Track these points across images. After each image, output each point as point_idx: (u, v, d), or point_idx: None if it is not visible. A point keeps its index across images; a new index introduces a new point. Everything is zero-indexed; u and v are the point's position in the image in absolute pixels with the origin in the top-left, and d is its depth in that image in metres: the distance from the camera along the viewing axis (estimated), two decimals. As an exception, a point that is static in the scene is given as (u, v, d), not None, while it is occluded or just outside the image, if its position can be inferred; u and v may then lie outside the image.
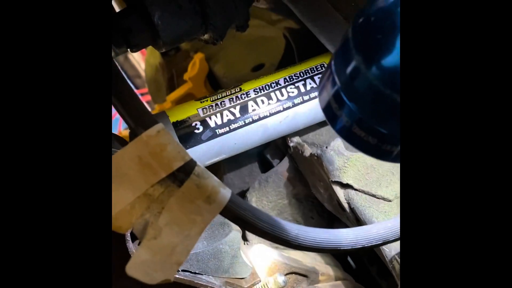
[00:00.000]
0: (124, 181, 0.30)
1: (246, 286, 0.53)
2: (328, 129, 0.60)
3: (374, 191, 0.48)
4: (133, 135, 0.31)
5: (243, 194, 0.71)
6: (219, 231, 0.50)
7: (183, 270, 0.48)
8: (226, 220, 0.51)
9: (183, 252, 0.30)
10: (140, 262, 0.29)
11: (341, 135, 0.28)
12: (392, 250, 0.44)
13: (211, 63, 0.99)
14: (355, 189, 0.49)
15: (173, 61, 1.17)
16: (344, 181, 0.49)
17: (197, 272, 0.49)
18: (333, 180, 0.50)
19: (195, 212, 0.31)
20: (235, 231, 0.50)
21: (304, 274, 0.64)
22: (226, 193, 0.31)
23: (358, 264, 0.79)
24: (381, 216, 0.46)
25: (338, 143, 0.50)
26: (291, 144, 0.60)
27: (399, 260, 0.43)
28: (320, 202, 0.71)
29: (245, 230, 0.32)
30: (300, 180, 0.68)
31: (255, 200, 0.67)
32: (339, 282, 0.64)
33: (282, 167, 0.68)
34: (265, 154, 0.75)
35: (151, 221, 0.30)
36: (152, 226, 0.30)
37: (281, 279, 0.58)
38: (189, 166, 0.30)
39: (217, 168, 0.73)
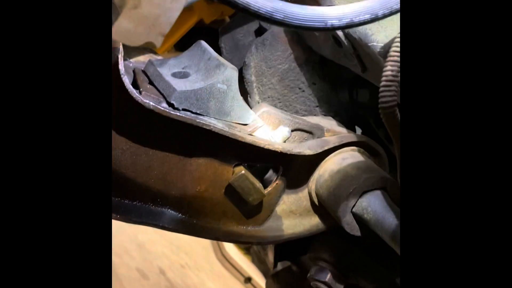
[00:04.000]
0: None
1: (249, 130, 0.54)
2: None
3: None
4: None
5: (241, 68, 0.71)
6: (215, 71, 0.50)
7: (183, 110, 0.49)
8: (221, 62, 0.50)
9: (165, 23, 0.30)
10: (122, 30, 0.29)
11: None
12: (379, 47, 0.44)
13: None
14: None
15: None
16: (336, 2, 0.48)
17: (198, 112, 0.50)
18: (325, 4, 0.49)
19: (173, -15, 0.30)
20: (230, 68, 0.50)
21: (309, 131, 0.64)
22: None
23: (366, 131, 0.80)
24: (381, 30, 0.44)
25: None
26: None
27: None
28: (320, 66, 0.70)
29: (226, 4, 0.32)
30: (298, 41, 0.67)
31: (253, 65, 0.67)
32: (345, 134, 0.65)
33: (278, 28, 0.67)
34: (263, 27, 0.74)
35: (129, -9, 0.30)
36: (130, -5, 0.29)
37: (285, 129, 0.59)
38: None
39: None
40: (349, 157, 0.63)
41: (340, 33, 0.49)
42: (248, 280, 1.83)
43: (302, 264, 0.81)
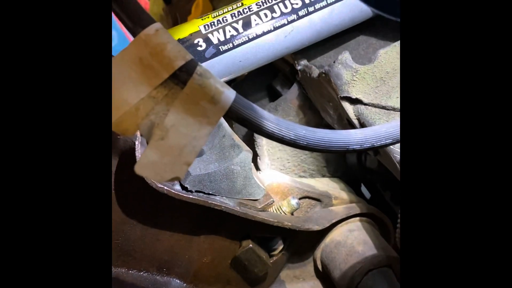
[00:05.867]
0: (127, 83, 0.30)
1: (260, 207, 0.54)
2: (336, 51, 0.58)
3: (384, 103, 0.48)
4: (133, 36, 0.31)
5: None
6: (229, 152, 0.50)
7: (196, 191, 0.49)
8: (236, 142, 0.51)
9: (191, 152, 0.30)
10: (149, 163, 0.29)
11: None
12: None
13: (215, 3, 0.97)
14: (365, 104, 0.48)
15: (177, 6, 1.15)
16: (353, 95, 0.48)
17: (210, 193, 0.50)
18: (342, 96, 0.49)
19: (200, 114, 0.31)
20: (246, 151, 0.50)
21: (317, 198, 0.64)
22: (230, 93, 0.31)
23: (372, 191, 0.80)
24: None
25: (346, 56, 0.48)
26: (298, 68, 0.59)
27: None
28: (331, 128, 0.71)
29: (251, 130, 0.32)
30: (310, 107, 0.68)
31: (265, 129, 0.67)
32: (353, 205, 0.65)
33: (291, 94, 0.67)
34: (274, 85, 0.75)
35: (157, 123, 0.30)
36: (158, 127, 0.30)
37: (294, 201, 0.59)
38: (191, 65, 0.30)
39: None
40: (356, 228, 0.63)
41: (355, 121, 0.50)
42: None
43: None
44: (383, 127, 0.35)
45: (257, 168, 0.68)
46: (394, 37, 0.54)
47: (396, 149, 0.45)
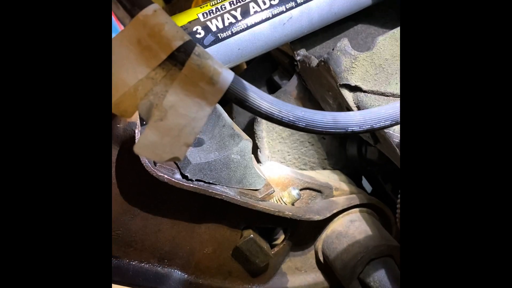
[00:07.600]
0: (125, 64, 0.30)
1: (260, 197, 0.54)
2: (335, 40, 0.58)
3: (383, 89, 0.48)
4: (131, 18, 0.31)
5: (253, 121, 0.71)
6: (229, 141, 0.50)
7: (197, 180, 0.49)
8: (236, 131, 0.51)
9: (190, 133, 0.30)
10: (148, 143, 0.29)
11: None
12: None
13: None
14: (364, 91, 0.48)
15: (176, 5, 1.15)
16: (352, 83, 0.48)
17: (211, 182, 0.50)
18: (341, 83, 0.49)
19: (199, 95, 0.31)
20: (245, 140, 0.50)
21: (318, 190, 0.64)
22: (228, 74, 0.31)
23: (373, 184, 0.80)
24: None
25: (345, 43, 0.48)
26: (298, 58, 0.59)
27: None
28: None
29: (250, 112, 0.32)
30: (310, 99, 0.68)
31: (265, 122, 0.67)
32: (354, 195, 0.65)
33: (290, 86, 0.67)
34: (274, 78, 0.75)
35: (156, 103, 0.30)
36: (157, 108, 0.30)
37: (295, 192, 0.59)
38: (189, 45, 0.30)
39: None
40: (357, 219, 0.63)
41: (355, 109, 0.50)
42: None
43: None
44: (382, 109, 0.35)
45: (258, 161, 0.68)
46: (393, 27, 0.54)
47: (395, 133, 0.45)
